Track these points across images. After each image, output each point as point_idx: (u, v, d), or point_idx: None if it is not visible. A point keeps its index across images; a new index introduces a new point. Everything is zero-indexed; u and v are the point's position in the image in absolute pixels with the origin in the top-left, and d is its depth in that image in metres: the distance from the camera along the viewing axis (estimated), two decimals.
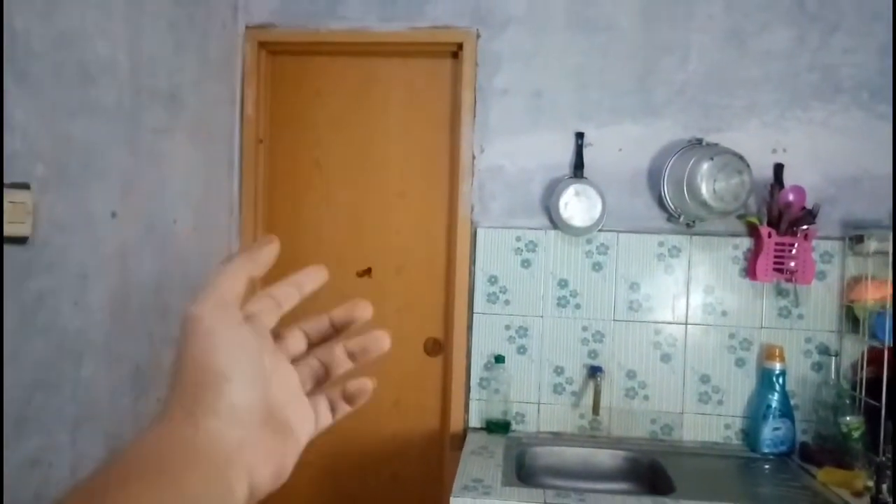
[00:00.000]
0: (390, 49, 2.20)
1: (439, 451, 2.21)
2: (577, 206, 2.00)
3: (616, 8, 2.07)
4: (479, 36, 2.11)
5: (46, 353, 1.33)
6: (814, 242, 1.95)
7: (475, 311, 2.12)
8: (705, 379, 2.05)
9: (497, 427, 2.05)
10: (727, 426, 2.04)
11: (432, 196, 2.24)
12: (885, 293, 1.84)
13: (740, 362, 2.03)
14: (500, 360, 2.07)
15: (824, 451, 1.87)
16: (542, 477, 1.91)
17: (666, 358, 2.06)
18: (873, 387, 1.82)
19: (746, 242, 2.03)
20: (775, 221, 1.94)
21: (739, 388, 2.03)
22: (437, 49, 2.19)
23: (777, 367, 1.95)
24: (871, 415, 1.80)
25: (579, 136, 2.07)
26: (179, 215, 1.84)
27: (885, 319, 1.80)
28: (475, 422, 2.12)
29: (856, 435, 1.82)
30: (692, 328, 2.05)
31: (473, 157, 2.13)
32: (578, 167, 2.05)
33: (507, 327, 2.11)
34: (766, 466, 1.88)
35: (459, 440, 2.05)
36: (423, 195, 2.25)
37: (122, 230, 1.57)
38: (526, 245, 2.10)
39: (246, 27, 2.19)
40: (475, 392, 2.13)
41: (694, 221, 2.01)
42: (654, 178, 2.05)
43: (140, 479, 0.31)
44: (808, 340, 2.01)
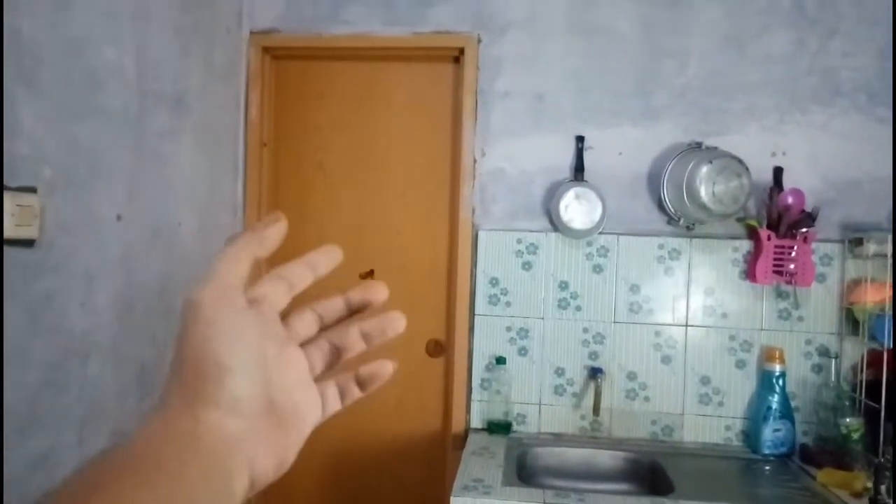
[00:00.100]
0: (393, 53, 2.22)
1: (441, 452, 2.23)
2: (577, 208, 2.01)
3: (616, 12, 2.09)
4: (480, 41, 2.13)
5: (53, 354, 1.36)
6: (813, 245, 1.95)
7: (476, 312, 2.14)
8: (706, 380, 2.06)
9: (498, 428, 2.07)
10: (728, 427, 2.05)
11: (434, 199, 2.26)
12: (885, 295, 1.85)
13: (741, 364, 2.04)
14: (501, 361, 2.08)
15: (824, 452, 1.88)
16: (542, 477, 1.93)
17: (666, 359, 2.07)
18: (873, 388, 1.82)
19: (746, 245, 2.04)
20: (775, 224, 1.95)
21: (740, 390, 2.04)
22: (438, 53, 2.21)
23: (777, 368, 1.96)
24: (870, 416, 1.81)
25: (580, 139, 2.08)
26: (184, 218, 1.86)
27: (884, 322, 1.81)
28: (476, 422, 2.14)
29: (856, 436, 1.82)
30: (692, 330, 2.06)
31: (475, 160, 2.15)
32: (579, 170, 2.07)
33: (509, 329, 2.12)
34: (767, 468, 1.89)
35: (461, 441, 2.06)
36: (424, 198, 2.27)
37: (127, 233, 1.59)
38: (527, 247, 2.12)
39: (250, 32, 2.21)
40: (476, 393, 2.14)
41: (694, 224, 2.02)
42: (653, 181, 2.07)
43: (136, 474, 0.30)
44: (808, 342, 2.02)
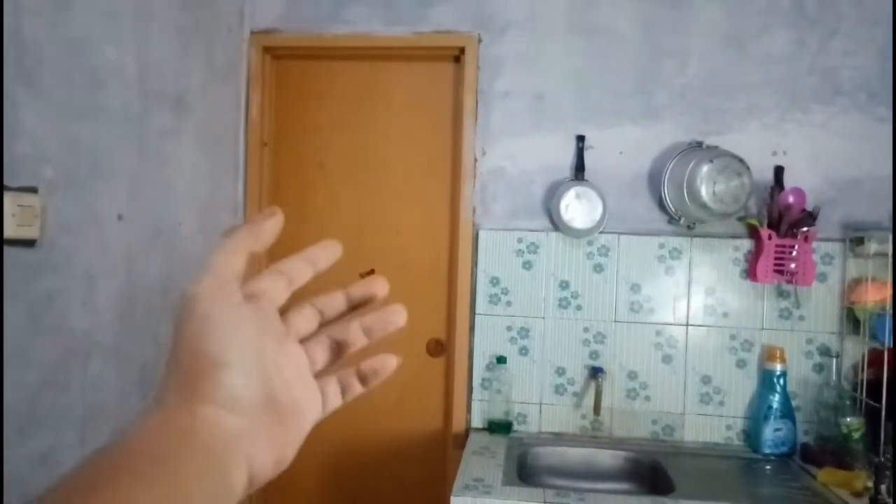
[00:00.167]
0: (393, 53, 2.23)
1: (442, 452, 2.23)
2: (577, 208, 2.01)
3: (616, 12, 2.09)
4: (480, 40, 2.13)
5: (55, 353, 1.36)
6: (814, 244, 1.95)
7: (477, 312, 2.14)
8: (706, 380, 2.06)
9: (499, 427, 2.07)
10: (728, 427, 2.05)
11: (435, 198, 2.26)
12: (886, 295, 1.85)
13: (741, 363, 2.04)
14: (501, 360, 2.08)
15: (825, 451, 1.88)
16: (543, 477, 1.93)
17: (667, 359, 2.07)
18: (874, 388, 1.82)
19: (747, 244, 2.04)
20: (775, 223, 1.95)
21: (741, 389, 2.04)
22: (439, 53, 2.21)
23: (778, 368, 1.95)
24: (871, 416, 1.81)
25: (580, 138, 2.08)
26: (185, 218, 1.86)
27: (885, 321, 1.81)
28: (477, 422, 2.14)
29: (856, 436, 1.82)
30: (693, 329, 2.06)
31: (475, 160, 2.15)
32: (579, 169, 2.07)
33: (509, 328, 2.13)
34: (767, 467, 1.89)
35: (462, 440, 2.06)
36: (425, 197, 2.27)
37: (128, 232, 1.59)
38: (527, 247, 2.12)
39: (251, 32, 2.22)
40: (477, 392, 2.14)
41: (694, 223, 2.02)
42: (654, 180, 2.07)
43: (131, 472, 0.29)
44: (809, 342, 2.01)
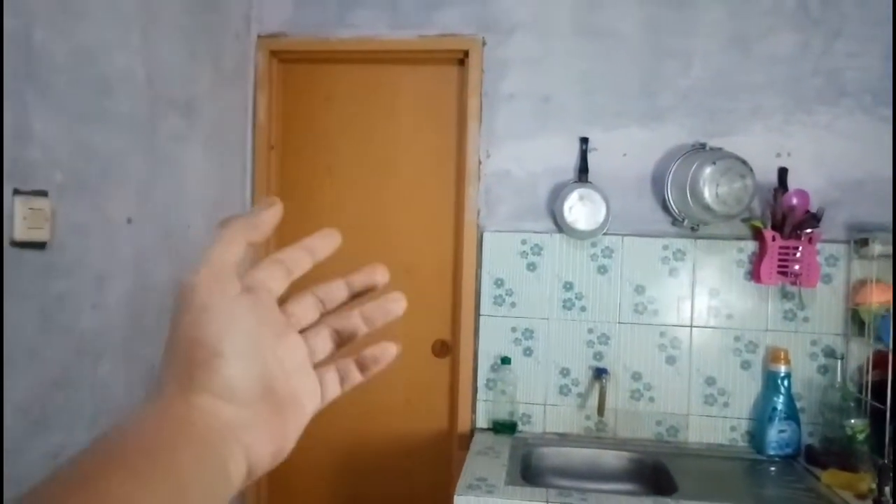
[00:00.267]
0: (399, 56, 2.25)
1: (448, 451, 2.24)
2: (581, 210, 2.02)
3: (620, 14, 2.10)
4: (485, 43, 2.15)
5: (66, 353, 1.39)
6: (818, 246, 1.95)
7: (482, 313, 2.16)
8: (711, 381, 2.06)
9: (503, 428, 2.08)
10: (733, 428, 2.05)
11: (440, 200, 2.28)
12: (890, 296, 1.84)
13: (746, 365, 2.04)
14: (506, 361, 2.10)
15: (830, 453, 1.87)
16: (547, 477, 1.94)
17: (671, 360, 2.07)
18: (879, 390, 1.82)
19: (751, 246, 2.04)
20: (779, 225, 1.95)
21: (745, 391, 2.04)
22: (444, 56, 2.23)
23: (782, 369, 1.96)
24: (876, 417, 1.80)
25: (584, 140, 2.09)
26: (193, 221, 1.89)
27: (889, 322, 1.81)
28: (482, 422, 2.15)
29: (861, 437, 1.82)
30: (697, 331, 2.07)
31: (480, 162, 2.16)
32: (583, 171, 2.08)
33: (514, 329, 2.14)
34: (772, 468, 1.89)
35: (467, 440, 2.07)
36: (430, 199, 2.29)
37: (137, 235, 1.62)
38: (532, 248, 2.13)
39: (258, 36, 2.25)
40: (482, 393, 2.16)
41: (698, 225, 2.02)
42: (658, 182, 2.07)
43: (124, 466, 0.29)
44: (813, 343, 2.01)
